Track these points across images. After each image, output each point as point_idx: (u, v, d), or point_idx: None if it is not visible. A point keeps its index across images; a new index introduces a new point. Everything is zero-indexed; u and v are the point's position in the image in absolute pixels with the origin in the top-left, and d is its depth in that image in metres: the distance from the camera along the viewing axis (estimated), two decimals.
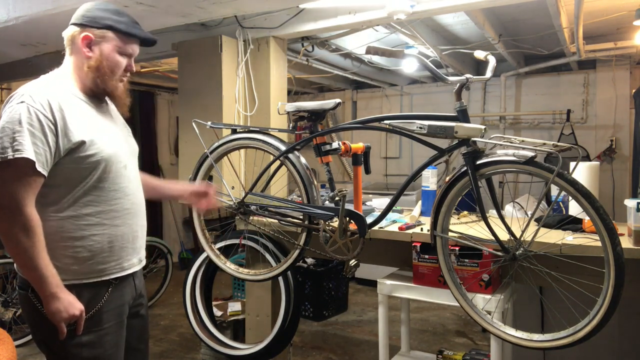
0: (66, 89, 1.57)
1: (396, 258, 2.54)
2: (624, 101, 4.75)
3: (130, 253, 1.66)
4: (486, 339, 3.79)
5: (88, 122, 1.56)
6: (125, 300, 1.68)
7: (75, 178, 1.53)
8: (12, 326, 3.68)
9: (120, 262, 1.63)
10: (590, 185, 2.33)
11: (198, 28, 3.06)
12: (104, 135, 1.58)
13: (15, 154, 1.40)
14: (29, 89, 1.50)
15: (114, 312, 1.62)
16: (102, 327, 1.59)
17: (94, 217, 1.56)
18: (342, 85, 6.20)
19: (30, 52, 3.33)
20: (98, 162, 1.54)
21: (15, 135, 1.41)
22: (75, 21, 1.59)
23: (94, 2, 1.63)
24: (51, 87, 1.54)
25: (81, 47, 1.56)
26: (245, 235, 2.70)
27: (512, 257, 1.73)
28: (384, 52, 1.75)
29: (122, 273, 1.64)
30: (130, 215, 1.65)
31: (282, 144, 2.11)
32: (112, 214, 1.59)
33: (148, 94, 6.20)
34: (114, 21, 1.57)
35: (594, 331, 1.58)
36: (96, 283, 1.58)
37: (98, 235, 1.57)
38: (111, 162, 1.58)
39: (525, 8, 3.33)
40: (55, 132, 1.47)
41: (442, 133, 1.75)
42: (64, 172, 1.51)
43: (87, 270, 1.56)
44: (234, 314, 3.51)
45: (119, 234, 1.61)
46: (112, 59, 1.58)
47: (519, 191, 4.90)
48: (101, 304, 1.58)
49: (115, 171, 1.60)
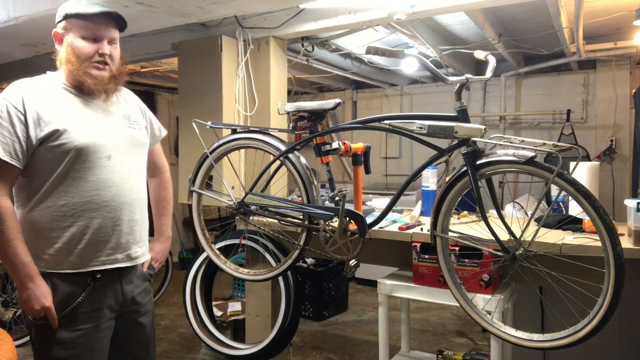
0: (55, 83, 1.60)
1: (396, 258, 2.54)
2: (624, 101, 4.75)
3: (111, 247, 1.61)
4: (486, 339, 3.79)
5: (66, 111, 1.56)
6: (105, 304, 1.62)
7: (49, 167, 1.54)
8: (12, 326, 3.68)
9: (98, 255, 1.59)
10: (590, 185, 2.33)
11: (198, 28, 3.06)
12: (81, 124, 1.56)
13: None
14: (11, 85, 1.55)
15: (90, 314, 1.59)
16: (76, 328, 1.57)
17: (69, 208, 1.55)
18: (342, 85, 6.20)
19: (30, 52, 3.33)
20: (70, 151, 1.53)
21: None
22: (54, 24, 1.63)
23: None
24: (33, 82, 1.58)
25: (55, 46, 1.62)
26: (245, 235, 2.70)
27: (512, 257, 1.73)
28: (384, 52, 1.75)
29: (102, 267, 1.60)
30: (110, 208, 1.60)
31: (282, 144, 2.11)
32: (88, 205, 1.57)
33: (148, 94, 6.20)
34: (69, 8, 1.57)
35: (594, 331, 1.58)
36: (72, 275, 1.57)
37: (73, 227, 1.56)
38: (87, 152, 1.55)
39: (525, 8, 3.33)
40: (25, 122, 1.49)
41: (442, 133, 1.75)
42: (39, 162, 1.53)
43: (64, 261, 1.56)
44: (234, 314, 3.51)
45: (94, 227, 1.58)
46: (76, 45, 1.56)
47: (519, 191, 4.90)
48: (77, 303, 1.56)
49: (93, 161, 1.57)
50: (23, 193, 1.56)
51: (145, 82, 5.57)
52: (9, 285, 3.82)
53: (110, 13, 1.59)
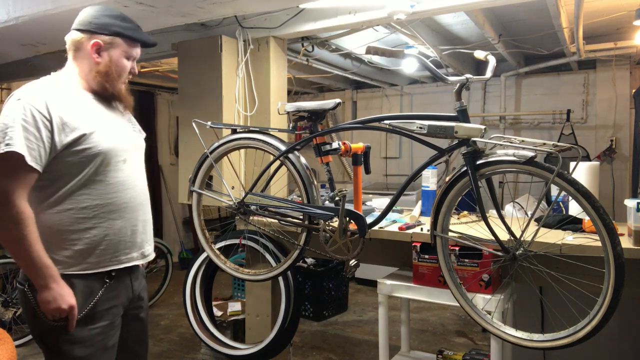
0: (71, 86, 1.62)
1: (396, 258, 2.54)
2: (624, 101, 4.75)
3: (128, 247, 1.67)
4: (486, 339, 3.79)
5: (89, 115, 1.59)
6: (119, 301, 1.68)
7: (73, 171, 1.55)
8: (12, 326, 3.68)
9: (117, 255, 1.64)
10: (590, 185, 2.33)
11: (198, 28, 3.06)
12: (104, 128, 1.61)
13: (6, 148, 1.44)
14: (27, 87, 1.54)
15: (108, 311, 1.63)
16: (94, 326, 1.60)
17: (90, 210, 1.58)
18: (342, 85, 6.20)
19: (30, 52, 3.33)
20: (96, 155, 1.57)
21: (7, 130, 1.45)
22: (81, 27, 1.63)
23: (96, 7, 1.66)
24: (50, 85, 1.58)
25: (90, 53, 1.61)
26: (245, 235, 2.70)
27: (512, 257, 1.73)
28: (384, 52, 1.75)
29: (119, 266, 1.65)
30: (128, 209, 1.66)
31: (282, 144, 2.11)
32: (109, 207, 1.61)
33: (148, 94, 6.20)
34: (122, 27, 1.64)
35: (594, 331, 1.58)
36: (91, 275, 1.59)
37: (95, 229, 1.59)
38: (110, 155, 1.60)
39: (525, 8, 3.33)
40: (51, 128, 1.50)
41: (442, 133, 1.75)
42: (62, 166, 1.54)
43: (83, 262, 1.58)
44: (234, 314, 3.51)
45: (116, 228, 1.63)
46: (120, 64, 1.66)
47: (519, 191, 4.90)
48: (95, 301, 1.59)
49: (114, 165, 1.62)
50: (36, 195, 1.56)
51: (145, 82, 5.57)
52: (9, 285, 3.82)
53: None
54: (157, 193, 6.26)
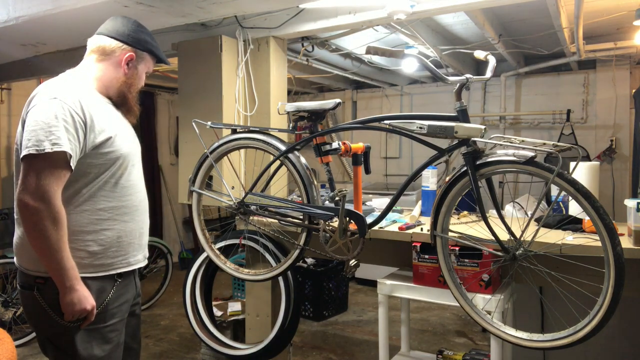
0: (89, 89, 1.65)
1: (396, 258, 2.54)
2: (624, 101, 4.75)
3: (136, 249, 1.72)
4: (486, 339, 3.79)
5: (112, 120, 1.64)
6: (128, 297, 1.73)
7: (93, 173, 1.58)
8: (12, 326, 3.68)
9: (126, 257, 1.68)
10: (590, 185, 2.33)
11: (198, 28, 3.06)
12: (122, 133, 1.66)
13: (54, 148, 1.44)
14: (57, 86, 1.56)
15: (119, 308, 1.67)
16: (107, 324, 1.63)
17: (106, 212, 1.61)
18: (342, 85, 6.20)
19: (30, 52, 3.33)
20: (117, 158, 1.61)
21: (51, 129, 1.45)
22: (117, 36, 1.67)
23: (131, 20, 1.73)
24: (77, 84, 1.62)
25: (121, 63, 1.68)
26: (245, 235, 2.70)
27: (512, 257, 1.73)
28: (384, 52, 1.75)
29: (128, 268, 1.69)
30: (138, 212, 1.71)
31: (282, 144, 2.11)
32: (123, 209, 1.65)
33: (148, 94, 6.19)
34: (153, 47, 1.75)
35: (594, 331, 1.58)
36: (102, 277, 1.62)
37: (109, 230, 1.62)
38: (127, 159, 1.66)
39: (525, 8, 3.33)
40: (85, 129, 1.53)
41: (442, 133, 1.75)
42: (85, 167, 1.56)
43: (96, 264, 1.60)
44: (234, 314, 3.51)
45: (128, 230, 1.67)
46: (142, 77, 1.77)
47: (519, 191, 4.90)
48: (107, 301, 1.62)
49: (129, 168, 1.67)
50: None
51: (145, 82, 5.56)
52: (8, 285, 3.82)
53: None
54: (157, 193, 6.26)
